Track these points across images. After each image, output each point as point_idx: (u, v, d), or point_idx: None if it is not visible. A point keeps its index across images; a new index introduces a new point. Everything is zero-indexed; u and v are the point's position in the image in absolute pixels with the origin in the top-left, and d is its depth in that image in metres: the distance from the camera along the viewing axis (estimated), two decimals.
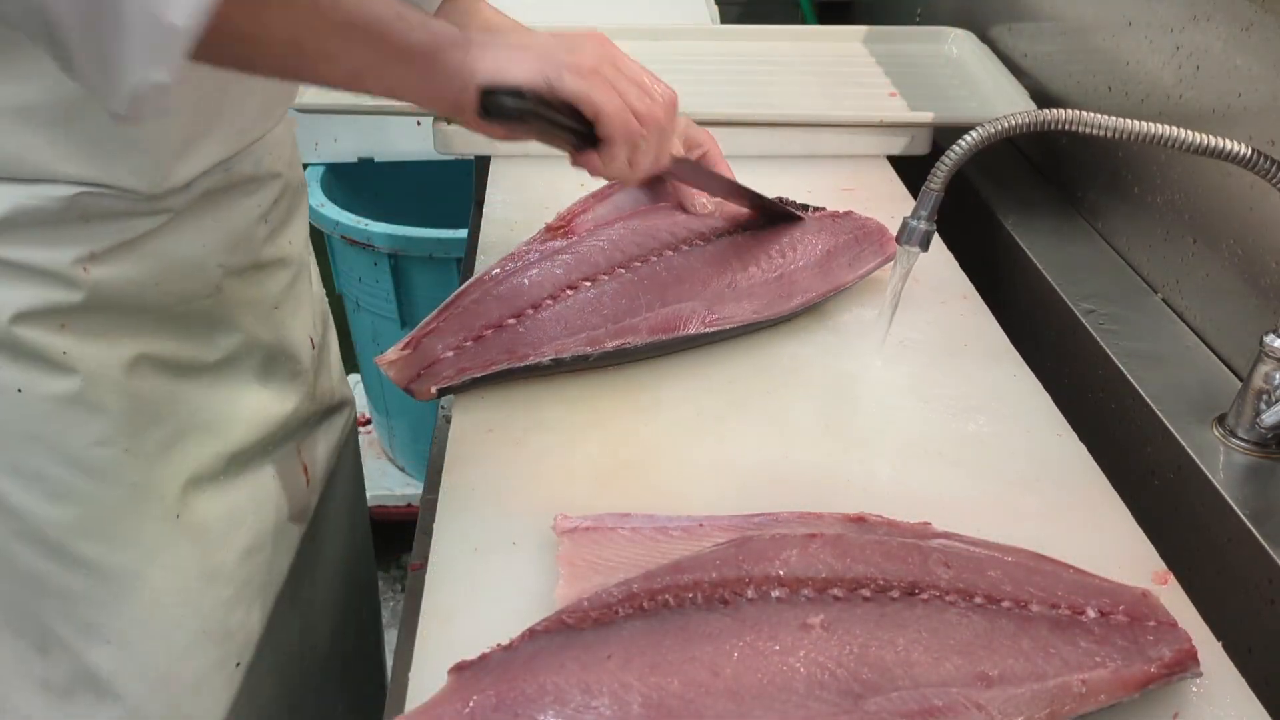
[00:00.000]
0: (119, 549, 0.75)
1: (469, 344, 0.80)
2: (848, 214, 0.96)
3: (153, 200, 0.71)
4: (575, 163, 0.72)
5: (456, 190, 1.63)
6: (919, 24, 1.66)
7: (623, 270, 0.84)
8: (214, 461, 0.81)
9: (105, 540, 0.74)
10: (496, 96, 0.64)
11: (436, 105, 0.68)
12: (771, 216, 0.93)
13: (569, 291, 0.82)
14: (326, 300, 0.98)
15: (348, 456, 1.01)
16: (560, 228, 0.89)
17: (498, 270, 0.84)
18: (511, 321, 0.80)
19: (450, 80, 0.63)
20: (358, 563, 1.05)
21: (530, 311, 0.81)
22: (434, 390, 0.78)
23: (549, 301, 0.81)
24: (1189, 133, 0.73)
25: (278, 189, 0.84)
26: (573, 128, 0.69)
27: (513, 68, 0.64)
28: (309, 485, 0.92)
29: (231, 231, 0.78)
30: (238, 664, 0.83)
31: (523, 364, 0.79)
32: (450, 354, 0.79)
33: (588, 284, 0.83)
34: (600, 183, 0.92)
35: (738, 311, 0.85)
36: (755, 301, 0.86)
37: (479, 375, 0.78)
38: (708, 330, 0.84)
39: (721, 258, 0.88)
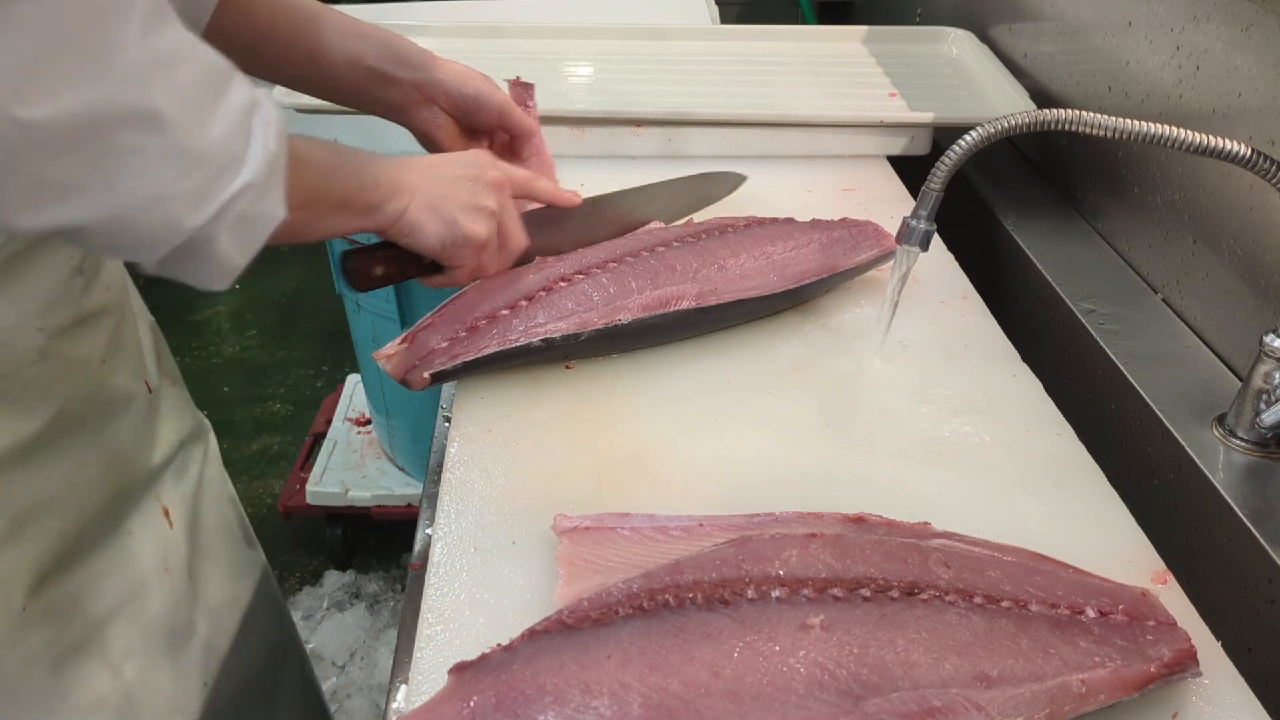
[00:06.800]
0: None
1: (463, 334, 0.80)
2: (842, 220, 0.96)
3: None
4: (427, 284, 0.83)
5: None
6: (919, 24, 1.67)
7: (614, 264, 0.85)
8: (59, 541, 0.75)
9: None
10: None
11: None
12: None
13: (562, 284, 0.83)
14: (162, 337, 0.91)
15: (212, 483, 0.95)
16: None
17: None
18: (505, 312, 0.81)
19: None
20: (249, 580, 0.98)
21: (524, 303, 0.81)
22: (427, 376, 0.78)
23: (542, 293, 0.82)
24: (1189, 133, 0.73)
25: None
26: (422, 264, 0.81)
27: (421, 237, 0.76)
28: (173, 528, 0.86)
29: (45, 290, 0.71)
30: None
31: (514, 345, 0.79)
32: (445, 344, 0.80)
33: (580, 276, 0.84)
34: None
35: (730, 290, 0.85)
36: (749, 282, 0.87)
37: (471, 359, 0.78)
38: (700, 307, 0.84)
39: (714, 249, 0.89)
